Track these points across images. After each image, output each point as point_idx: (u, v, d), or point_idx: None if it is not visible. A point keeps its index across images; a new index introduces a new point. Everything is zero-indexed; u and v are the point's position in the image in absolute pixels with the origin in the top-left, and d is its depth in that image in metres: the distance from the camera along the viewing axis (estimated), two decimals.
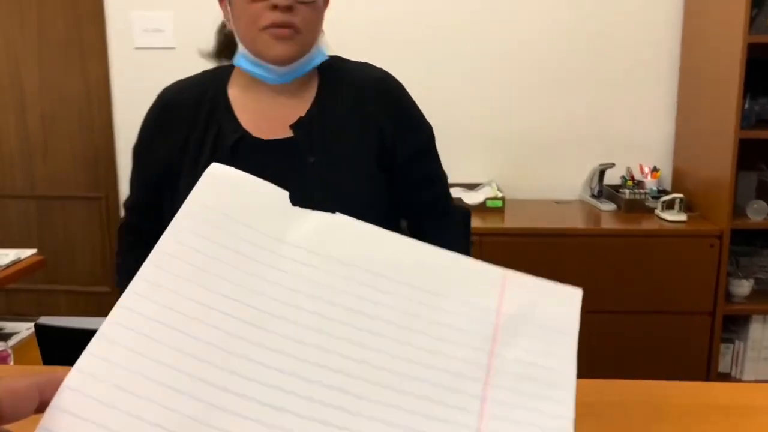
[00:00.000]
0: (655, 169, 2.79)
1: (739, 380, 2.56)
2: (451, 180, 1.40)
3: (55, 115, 3.18)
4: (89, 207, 3.24)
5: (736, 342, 2.55)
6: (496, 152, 2.93)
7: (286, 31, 1.10)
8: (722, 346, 2.52)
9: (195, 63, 3.28)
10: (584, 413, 0.65)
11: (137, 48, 3.00)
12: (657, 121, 2.87)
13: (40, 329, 0.83)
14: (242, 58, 1.18)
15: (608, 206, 2.70)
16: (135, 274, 0.47)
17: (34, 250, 1.84)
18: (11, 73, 3.17)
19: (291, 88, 1.21)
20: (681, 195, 2.56)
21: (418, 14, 2.85)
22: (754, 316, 2.50)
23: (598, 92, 2.87)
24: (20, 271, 1.72)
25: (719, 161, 2.43)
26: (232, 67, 1.25)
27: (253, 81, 1.20)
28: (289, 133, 1.18)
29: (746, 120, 2.38)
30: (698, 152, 2.64)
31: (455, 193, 2.64)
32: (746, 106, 2.38)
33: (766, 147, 2.56)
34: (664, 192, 2.74)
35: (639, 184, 2.76)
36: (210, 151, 1.18)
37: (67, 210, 3.26)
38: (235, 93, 1.22)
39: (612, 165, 2.78)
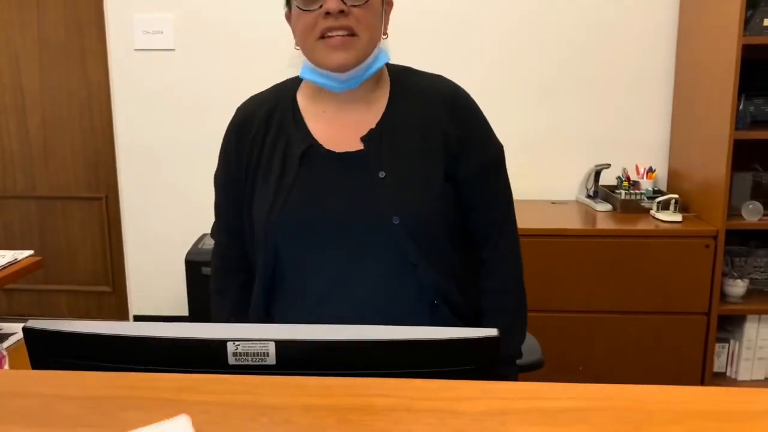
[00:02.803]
0: (650, 170, 2.80)
1: (735, 380, 2.57)
2: None
3: (56, 116, 3.20)
4: (90, 208, 3.27)
5: (731, 342, 2.56)
6: None
7: (339, 40, 1.11)
8: (717, 346, 2.53)
9: (195, 64, 3.30)
10: (575, 419, 0.65)
11: (137, 49, 3.02)
12: (652, 122, 2.88)
13: (28, 333, 0.83)
14: (306, 69, 1.18)
15: (604, 207, 2.71)
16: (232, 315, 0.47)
17: (30, 251, 1.86)
18: (12, 74, 3.19)
19: (359, 94, 1.20)
20: (676, 195, 2.57)
21: (413, 16, 2.86)
22: (749, 316, 2.50)
23: (594, 93, 2.87)
24: (17, 272, 1.74)
25: (714, 162, 2.44)
26: (300, 78, 1.23)
27: (320, 90, 1.20)
28: (359, 146, 1.18)
29: (741, 121, 2.38)
30: (693, 153, 2.65)
31: None
32: (741, 106, 2.38)
33: (760, 148, 2.56)
34: (660, 192, 2.74)
35: (634, 184, 2.77)
36: (280, 161, 1.18)
37: (67, 211, 3.29)
38: (304, 103, 1.22)
39: (608, 165, 2.79)
